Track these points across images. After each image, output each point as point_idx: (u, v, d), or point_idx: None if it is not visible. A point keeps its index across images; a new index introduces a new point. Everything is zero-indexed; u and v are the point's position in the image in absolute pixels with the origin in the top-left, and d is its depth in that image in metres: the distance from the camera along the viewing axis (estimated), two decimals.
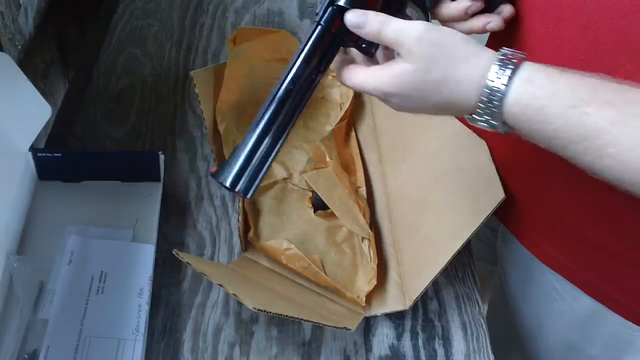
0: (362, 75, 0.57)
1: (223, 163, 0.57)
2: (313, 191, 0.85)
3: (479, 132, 0.80)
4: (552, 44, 0.63)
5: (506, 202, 0.75)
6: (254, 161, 0.57)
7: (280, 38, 0.90)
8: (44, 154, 0.83)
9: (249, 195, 0.57)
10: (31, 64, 0.99)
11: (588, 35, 0.59)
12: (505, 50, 0.53)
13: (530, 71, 0.51)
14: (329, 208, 0.82)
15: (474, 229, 0.73)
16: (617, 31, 0.56)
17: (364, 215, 0.82)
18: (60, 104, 1.03)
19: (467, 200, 0.77)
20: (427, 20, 0.65)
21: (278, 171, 0.87)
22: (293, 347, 0.76)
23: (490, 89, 0.52)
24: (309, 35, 0.58)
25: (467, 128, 0.81)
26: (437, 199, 0.80)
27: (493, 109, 0.52)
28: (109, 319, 0.75)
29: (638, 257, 0.69)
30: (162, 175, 0.86)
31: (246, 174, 0.57)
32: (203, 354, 0.74)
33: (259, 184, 0.58)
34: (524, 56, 0.52)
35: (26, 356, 0.71)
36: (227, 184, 0.57)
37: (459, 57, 0.53)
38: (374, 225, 0.84)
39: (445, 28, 0.55)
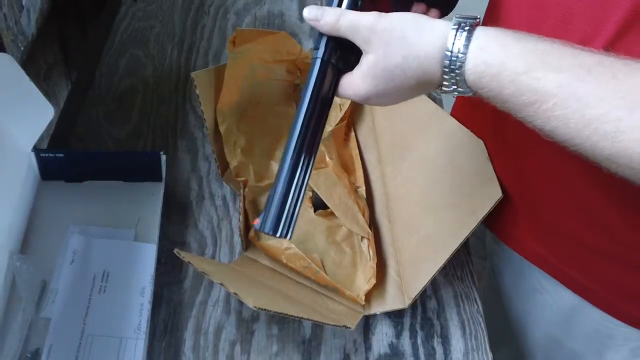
0: (342, 86, 0.60)
1: (262, 214, 0.60)
2: (313, 191, 0.85)
3: (477, 132, 0.81)
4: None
5: None
6: (288, 204, 0.60)
7: (280, 39, 0.90)
8: (47, 154, 0.83)
9: (288, 237, 0.61)
10: (34, 65, 1.00)
11: (568, 27, 0.61)
12: (458, 18, 0.54)
13: (484, 39, 0.53)
14: (328, 208, 0.83)
15: (472, 227, 0.74)
16: (595, 23, 0.58)
17: (363, 215, 0.82)
18: (63, 104, 1.03)
19: (465, 199, 0.78)
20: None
21: None
22: (293, 345, 0.76)
23: (450, 58, 0.53)
24: (312, 71, 0.60)
25: (465, 128, 0.82)
26: (435, 198, 0.81)
27: (457, 77, 0.54)
28: (111, 317, 0.75)
29: (617, 251, 0.71)
30: (163, 175, 0.86)
31: (284, 217, 0.60)
32: (204, 352, 0.75)
33: (296, 221, 0.61)
34: (477, 20, 0.54)
35: (28, 355, 0.72)
36: (272, 233, 0.60)
37: (412, 37, 0.55)
38: (374, 224, 0.85)
39: (394, 13, 0.57)
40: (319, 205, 0.84)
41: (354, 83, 0.59)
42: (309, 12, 0.59)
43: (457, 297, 0.81)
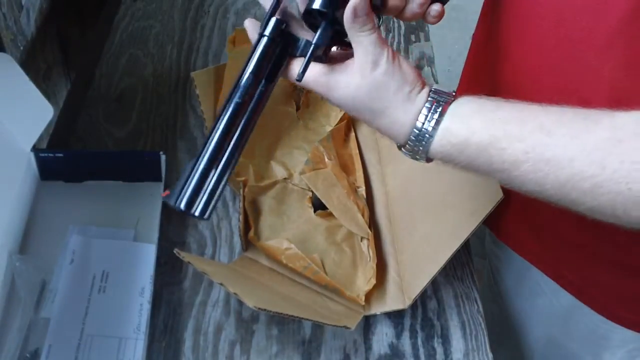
0: (311, 74, 0.57)
1: (175, 186, 0.55)
2: (312, 191, 0.85)
3: None
4: (528, 42, 0.65)
5: None
6: (208, 181, 0.55)
7: None
8: (46, 154, 0.83)
9: (206, 216, 0.55)
10: (33, 65, 1.00)
11: (559, 33, 0.61)
12: (434, 94, 0.55)
13: (451, 118, 0.54)
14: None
15: (473, 228, 0.74)
16: (585, 28, 0.58)
17: (362, 215, 0.82)
18: (62, 104, 1.04)
19: (466, 200, 0.77)
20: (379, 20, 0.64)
21: (278, 171, 0.87)
22: (293, 345, 0.76)
23: (419, 131, 0.54)
24: (254, 47, 0.57)
25: None
26: (435, 198, 0.81)
27: (420, 148, 0.55)
28: (111, 318, 0.75)
29: (611, 254, 0.71)
30: (163, 175, 0.86)
31: (201, 194, 0.55)
32: (204, 352, 0.75)
33: (215, 205, 0.55)
34: (452, 99, 0.54)
35: (28, 355, 0.72)
36: (182, 206, 0.54)
37: (399, 100, 0.55)
38: (374, 224, 0.84)
39: (404, 60, 0.56)
40: (318, 205, 0.84)
41: (328, 84, 0.56)
42: (360, 5, 0.54)
43: (457, 298, 0.81)
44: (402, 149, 0.58)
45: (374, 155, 0.91)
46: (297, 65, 0.57)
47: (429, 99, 0.55)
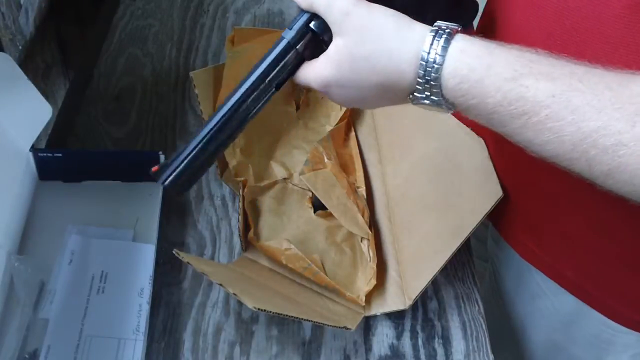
0: (303, 70, 0.58)
1: (164, 164, 0.60)
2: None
3: (477, 130, 0.80)
4: (529, 31, 0.64)
5: None
6: (194, 167, 0.60)
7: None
8: (45, 154, 0.83)
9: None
10: (32, 65, 0.99)
11: (564, 22, 0.59)
12: (439, 22, 0.51)
13: (465, 42, 0.49)
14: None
15: (473, 227, 0.74)
16: (591, 18, 0.56)
17: (362, 215, 0.82)
18: (61, 104, 1.03)
19: (466, 199, 0.77)
20: None
21: (278, 171, 0.87)
22: (293, 346, 0.76)
23: (426, 60, 0.49)
24: (273, 48, 0.58)
25: (465, 126, 0.82)
26: (436, 197, 0.80)
27: (431, 82, 0.50)
28: (110, 318, 0.75)
29: (616, 252, 0.69)
30: None
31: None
32: (203, 353, 0.75)
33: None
34: (458, 28, 0.50)
35: (26, 356, 0.71)
36: (166, 184, 0.60)
37: (389, 30, 0.51)
38: (374, 225, 0.84)
39: (376, 5, 0.54)
40: (318, 206, 0.84)
41: (316, 67, 0.56)
42: None
43: (458, 298, 0.81)
44: (416, 94, 0.52)
45: (374, 155, 0.91)
46: (307, 65, 0.58)
47: (433, 27, 0.50)
